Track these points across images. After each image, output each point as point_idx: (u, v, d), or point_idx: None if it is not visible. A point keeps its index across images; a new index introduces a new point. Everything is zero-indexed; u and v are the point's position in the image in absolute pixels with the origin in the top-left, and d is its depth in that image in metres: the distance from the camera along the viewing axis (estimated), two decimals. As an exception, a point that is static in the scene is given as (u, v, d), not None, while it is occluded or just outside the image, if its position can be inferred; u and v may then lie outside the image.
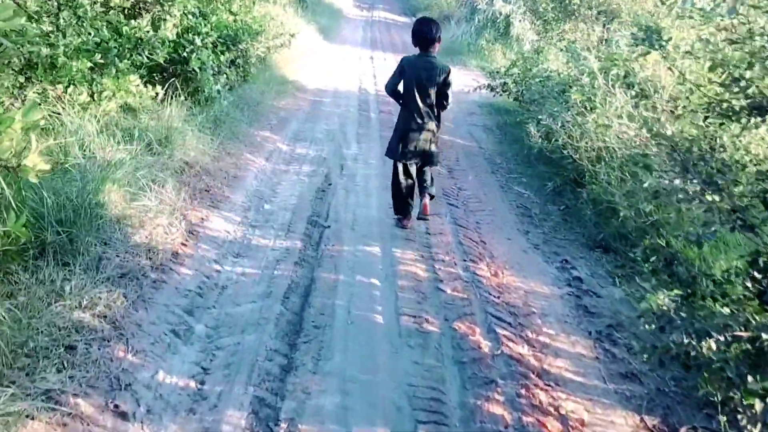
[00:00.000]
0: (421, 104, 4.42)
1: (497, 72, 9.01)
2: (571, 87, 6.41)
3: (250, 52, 7.00)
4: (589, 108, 5.31)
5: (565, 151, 5.73)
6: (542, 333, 3.59)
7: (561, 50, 8.40)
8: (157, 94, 5.34)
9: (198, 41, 6.22)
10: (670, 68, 3.43)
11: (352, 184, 5.64)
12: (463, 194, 5.82)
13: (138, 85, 5.16)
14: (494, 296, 3.89)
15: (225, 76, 6.86)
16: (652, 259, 3.54)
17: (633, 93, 3.66)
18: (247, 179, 5.35)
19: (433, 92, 4.42)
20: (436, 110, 4.54)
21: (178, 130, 5.19)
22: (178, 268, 3.68)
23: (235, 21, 6.70)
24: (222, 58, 6.72)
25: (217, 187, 4.95)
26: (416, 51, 4.52)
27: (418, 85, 4.39)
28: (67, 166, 3.82)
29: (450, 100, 4.57)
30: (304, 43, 12.20)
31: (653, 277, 3.46)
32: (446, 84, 4.45)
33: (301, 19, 13.98)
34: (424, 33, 4.41)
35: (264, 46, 7.40)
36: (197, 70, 6.22)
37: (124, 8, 5.45)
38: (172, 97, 5.58)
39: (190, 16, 6.37)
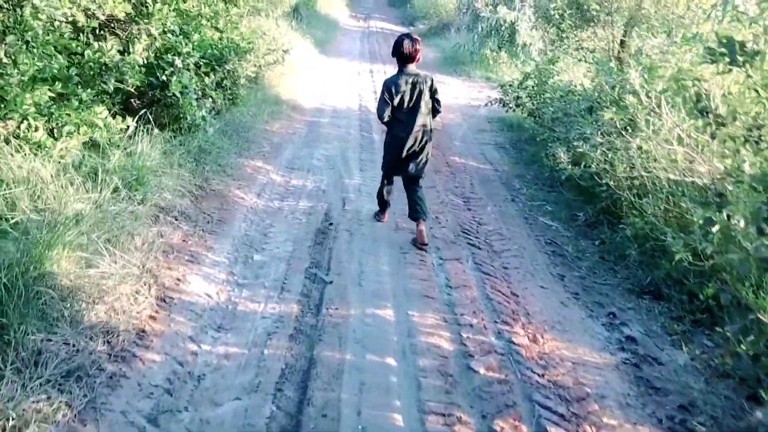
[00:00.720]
0: (412, 118, 4.48)
1: (510, 86, 8.27)
2: (599, 104, 5.68)
3: (239, 73, 6.29)
4: (628, 130, 4.58)
5: (598, 178, 5.01)
6: (603, 426, 2.84)
7: (580, 60, 7.69)
8: (128, 126, 4.62)
9: (179, 62, 5.51)
10: (756, 90, 2.70)
11: (357, 224, 4.90)
12: (483, 230, 5.08)
13: (105, 117, 4.44)
14: (538, 374, 3.14)
15: (210, 100, 6.14)
16: (749, 338, 2.81)
17: (705, 118, 2.92)
18: (234, 222, 4.61)
19: (423, 103, 4.47)
20: (429, 118, 4.60)
21: (152, 168, 4.46)
22: (143, 353, 2.93)
23: (220, 39, 5.99)
24: (207, 80, 6.00)
25: (198, 236, 4.21)
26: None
27: (407, 100, 4.44)
28: (5, 226, 3.09)
29: (441, 106, 4.67)
30: (299, 58, 11.52)
31: (753, 363, 2.73)
32: (433, 91, 4.53)
33: (295, 32, 13.30)
34: (401, 50, 4.44)
35: (254, 64, 6.68)
36: (178, 95, 5.51)
37: (93, 29, 4.74)
38: (146, 129, 4.86)
39: (170, 35, 5.67)
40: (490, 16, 13.46)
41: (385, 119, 4.53)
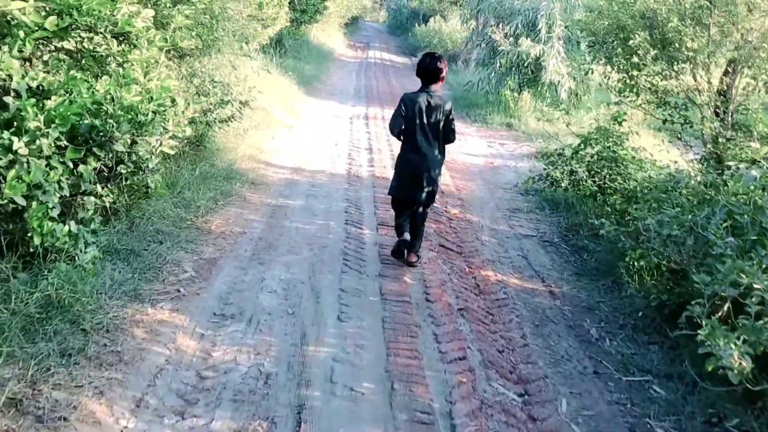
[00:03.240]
0: (424, 140, 4.29)
1: (560, 155, 5.83)
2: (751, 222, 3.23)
3: (145, 152, 3.88)
4: None
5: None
6: None
7: (665, 121, 5.25)
8: None
9: (20, 144, 3.16)
10: None
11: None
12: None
13: None
14: None
15: (93, 199, 3.72)
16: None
17: None
18: None
19: (437, 128, 4.29)
20: (441, 144, 4.39)
21: None
22: None
23: (101, 103, 3.56)
24: (84, 169, 3.60)
25: None
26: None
27: (421, 121, 4.25)
28: None
29: (455, 134, 4.41)
30: (274, 102, 9.14)
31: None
32: (449, 119, 4.32)
33: (274, 70, 10.95)
34: (431, 68, 4.28)
35: (176, 134, 4.21)
36: (21, 203, 3.16)
37: None
38: None
39: (8, 99, 3.30)
40: (510, 49, 11.13)
41: (396, 133, 4.38)
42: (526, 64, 11.26)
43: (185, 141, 5.22)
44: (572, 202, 6.10)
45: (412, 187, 4.37)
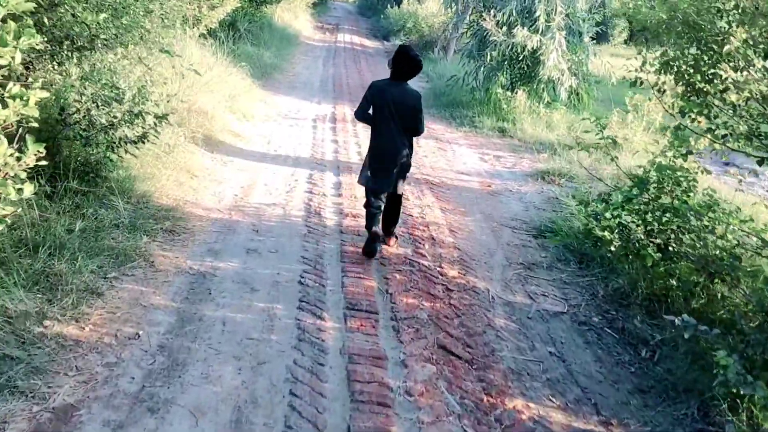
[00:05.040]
0: (393, 130, 4.25)
1: (605, 202, 4.17)
2: None
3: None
4: None
5: None
6: None
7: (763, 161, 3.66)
8: None
9: None
10: None
11: None
12: None
13: None
14: None
15: None
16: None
17: None
18: None
19: (404, 119, 4.25)
20: (409, 135, 4.35)
21: None
22: None
23: None
24: None
25: None
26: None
27: (390, 111, 4.21)
28: None
29: (423, 127, 4.34)
30: (220, 102, 7.34)
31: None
32: (417, 110, 4.25)
33: (223, 60, 9.08)
34: (407, 68, 4.19)
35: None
36: None
37: None
38: None
39: None
40: (504, 40, 9.44)
41: (360, 119, 4.34)
42: (521, 58, 9.60)
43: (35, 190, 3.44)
44: (608, 257, 4.50)
45: (383, 176, 4.34)
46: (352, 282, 3.98)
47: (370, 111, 4.32)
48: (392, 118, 4.22)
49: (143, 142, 4.56)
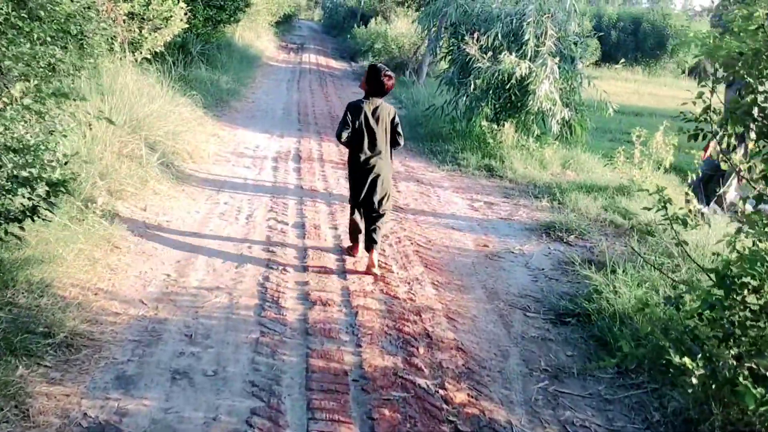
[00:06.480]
0: (372, 145, 4.44)
1: (678, 309, 3.05)
2: None
3: None
4: None
5: None
6: None
7: None
8: None
9: None
10: None
11: None
12: None
13: None
14: None
15: None
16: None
17: None
18: None
19: (384, 134, 4.47)
20: (389, 149, 4.56)
21: None
22: None
23: None
24: None
25: None
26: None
27: (368, 127, 4.41)
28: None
29: (402, 138, 4.59)
30: (159, 141, 6.09)
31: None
32: (395, 123, 4.52)
33: (168, 89, 7.81)
34: (379, 85, 4.40)
35: None
36: None
37: None
38: None
39: None
40: (489, 66, 8.40)
41: (343, 140, 4.45)
42: (507, 87, 8.57)
43: None
44: (661, 359, 3.37)
45: (367, 191, 4.46)
46: (322, 429, 2.76)
47: (349, 131, 4.45)
48: (372, 135, 4.43)
49: (32, 219, 3.29)
